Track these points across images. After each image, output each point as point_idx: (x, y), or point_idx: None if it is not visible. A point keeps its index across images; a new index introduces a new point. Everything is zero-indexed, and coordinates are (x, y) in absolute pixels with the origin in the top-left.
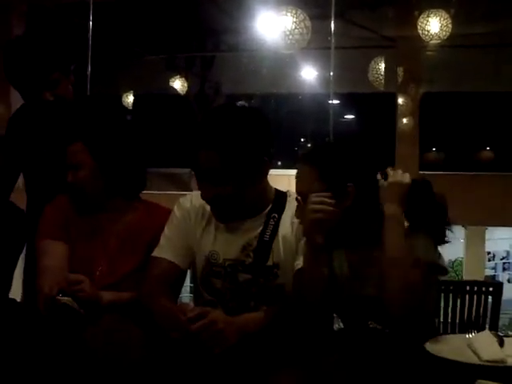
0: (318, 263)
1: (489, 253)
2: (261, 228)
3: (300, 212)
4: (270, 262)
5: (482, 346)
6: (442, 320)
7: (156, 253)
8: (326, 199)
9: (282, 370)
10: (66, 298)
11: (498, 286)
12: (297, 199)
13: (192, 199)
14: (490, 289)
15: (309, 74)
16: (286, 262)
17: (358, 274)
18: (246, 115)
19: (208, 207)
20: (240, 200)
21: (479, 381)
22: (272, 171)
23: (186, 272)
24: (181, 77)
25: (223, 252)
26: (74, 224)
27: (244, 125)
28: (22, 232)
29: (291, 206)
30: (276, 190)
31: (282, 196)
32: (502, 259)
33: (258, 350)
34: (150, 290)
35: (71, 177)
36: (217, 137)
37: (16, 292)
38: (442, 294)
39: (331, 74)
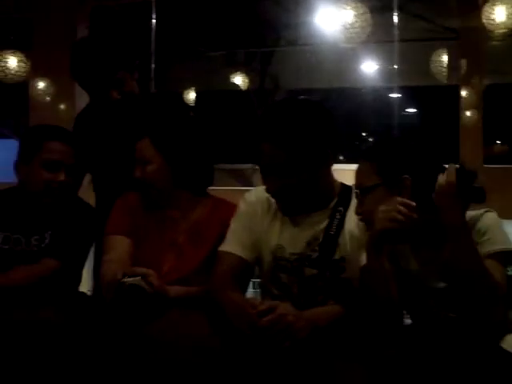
0: (380, 261)
1: None
2: (326, 222)
3: (359, 208)
4: (336, 256)
5: None
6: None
7: (223, 247)
8: (408, 211)
9: (349, 365)
10: (132, 278)
11: None
12: (356, 194)
13: (257, 193)
14: None
15: (369, 67)
16: (353, 256)
17: (425, 268)
18: (309, 108)
19: (273, 201)
20: (304, 193)
21: None
22: (334, 166)
23: (253, 266)
24: (241, 72)
25: (289, 246)
26: (142, 220)
27: (307, 118)
28: (91, 227)
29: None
30: (342, 183)
31: (347, 190)
32: None
33: (328, 344)
34: (219, 284)
35: (139, 172)
36: (280, 130)
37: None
38: None
39: (395, 67)
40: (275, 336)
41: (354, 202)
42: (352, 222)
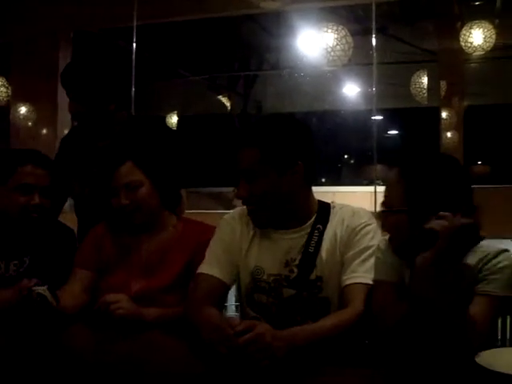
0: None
1: None
2: (305, 240)
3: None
4: (313, 276)
5: None
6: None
7: (202, 269)
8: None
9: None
10: (40, 287)
11: None
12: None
13: (236, 216)
14: None
15: (351, 90)
16: (330, 275)
17: None
18: (286, 118)
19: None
20: (274, 200)
21: None
22: (316, 188)
23: (230, 288)
24: (224, 96)
25: (267, 267)
26: (112, 248)
27: (282, 124)
28: (71, 251)
29: (335, 217)
30: (319, 201)
31: (325, 207)
32: None
33: (305, 362)
34: (196, 306)
35: (125, 198)
36: (253, 134)
37: None
38: None
39: (374, 89)
40: (253, 355)
41: (333, 219)
42: (330, 239)
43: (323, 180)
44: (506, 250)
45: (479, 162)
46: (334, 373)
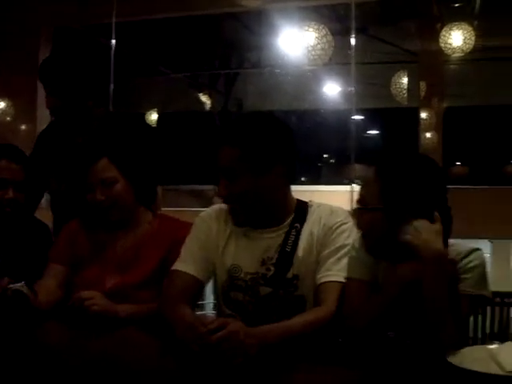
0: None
1: None
2: (282, 238)
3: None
4: (289, 275)
5: (506, 356)
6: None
7: (177, 266)
8: None
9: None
10: (17, 284)
11: None
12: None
13: (213, 213)
14: None
15: (332, 89)
16: (306, 273)
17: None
18: (267, 117)
19: (229, 220)
20: (255, 200)
21: None
22: (295, 187)
23: (205, 285)
24: (204, 94)
25: (244, 265)
26: (86, 244)
27: (263, 123)
28: (46, 246)
29: (313, 215)
30: (298, 200)
31: (303, 205)
32: None
33: (278, 360)
34: (170, 303)
35: (101, 194)
36: (234, 133)
37: None
38: None
39: (352, 89)
40: (225, 353)
41: (310, 218)
42: (307, 238)
43: (303, 179)
44: (478, 249)
45: (458, 163)
46: (307, 370)
